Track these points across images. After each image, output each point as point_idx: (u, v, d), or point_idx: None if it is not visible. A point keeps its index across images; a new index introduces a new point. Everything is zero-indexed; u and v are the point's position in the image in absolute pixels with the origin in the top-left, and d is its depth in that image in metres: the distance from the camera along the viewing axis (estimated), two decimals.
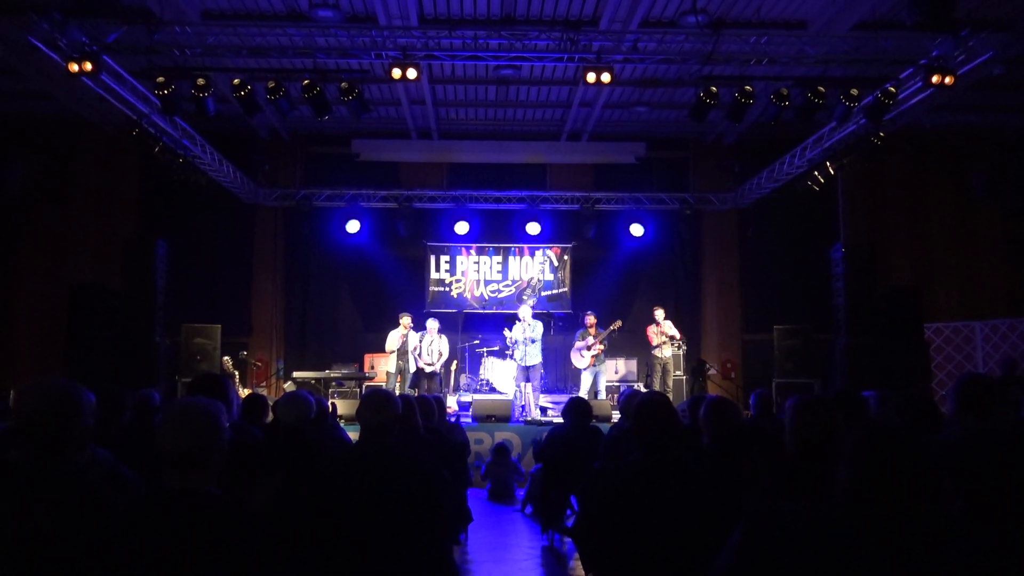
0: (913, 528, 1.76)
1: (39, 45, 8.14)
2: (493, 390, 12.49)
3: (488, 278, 14.51)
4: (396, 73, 8.99)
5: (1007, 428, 1.79)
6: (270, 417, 5.09)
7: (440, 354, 11.61)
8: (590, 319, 11.56)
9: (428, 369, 11.51)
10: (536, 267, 14.53)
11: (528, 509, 8.04)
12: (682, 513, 2.92)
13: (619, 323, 11.54)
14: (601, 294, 14.09)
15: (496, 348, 12.93)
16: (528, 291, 14.30)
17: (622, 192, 14.12)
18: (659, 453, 3.07)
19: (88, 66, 8.18)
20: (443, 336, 11.73)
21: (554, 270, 14.54)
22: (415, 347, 11.48)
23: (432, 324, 11.69)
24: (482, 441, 9.78)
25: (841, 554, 1.78)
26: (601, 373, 11.49)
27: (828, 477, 2.23)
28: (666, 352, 11.83)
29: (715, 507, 2.91)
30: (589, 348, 11.34)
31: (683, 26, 9.62)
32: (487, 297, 14.37)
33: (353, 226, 13.71)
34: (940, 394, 10.62)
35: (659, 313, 12.00)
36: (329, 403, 6.38)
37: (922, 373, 10.61)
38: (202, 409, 2.36)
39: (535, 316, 11.74)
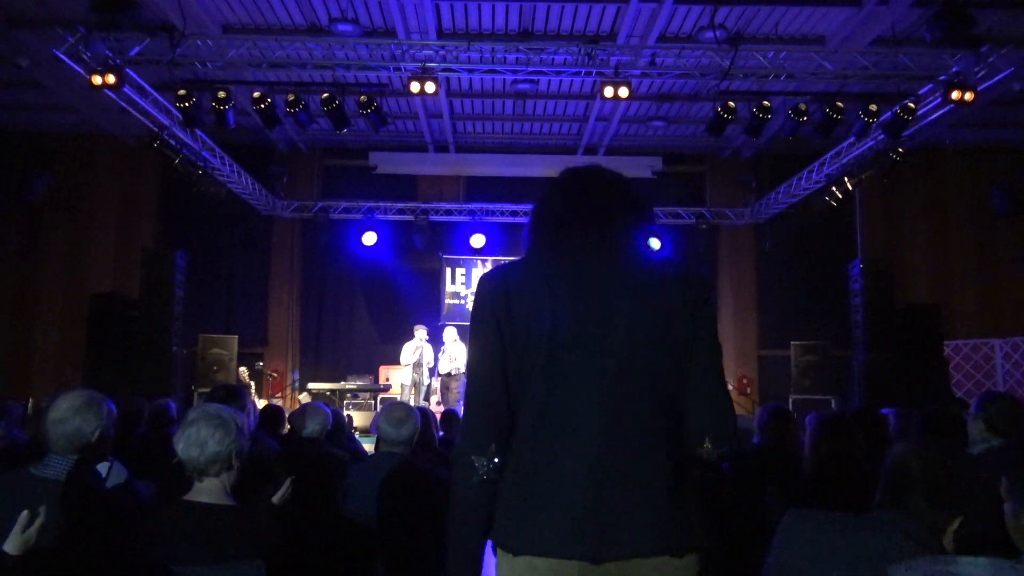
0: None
1: (63, 58, 8.24)
2: None
3: None
4: (414, 87, 9.05)
5: None
6: (286, 428, 5.11)
7: (452, 358, 11.56)
8: None
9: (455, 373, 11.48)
10: None
11: None
12: None
13: None
14: None
15: None
16: None
17: None
18: None
19: (111, 79, 8.27)
20: (458, 342, 11.70)
21: None
22: (430, 359, 11.48)
23: (448, 333, 11.73)
24: None
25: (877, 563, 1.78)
26: None
27: (847, 492, 2.22)
28: None
29: (734, 521, 2.89)
30: None
31: (701, 41, 9.61)
32: None
33: (369, 238, 13.72)
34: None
35: None
36: (345, 415, 6.39)
37: (942, 391, 10.51)
38: (220, 419, 2.36)
39: None
